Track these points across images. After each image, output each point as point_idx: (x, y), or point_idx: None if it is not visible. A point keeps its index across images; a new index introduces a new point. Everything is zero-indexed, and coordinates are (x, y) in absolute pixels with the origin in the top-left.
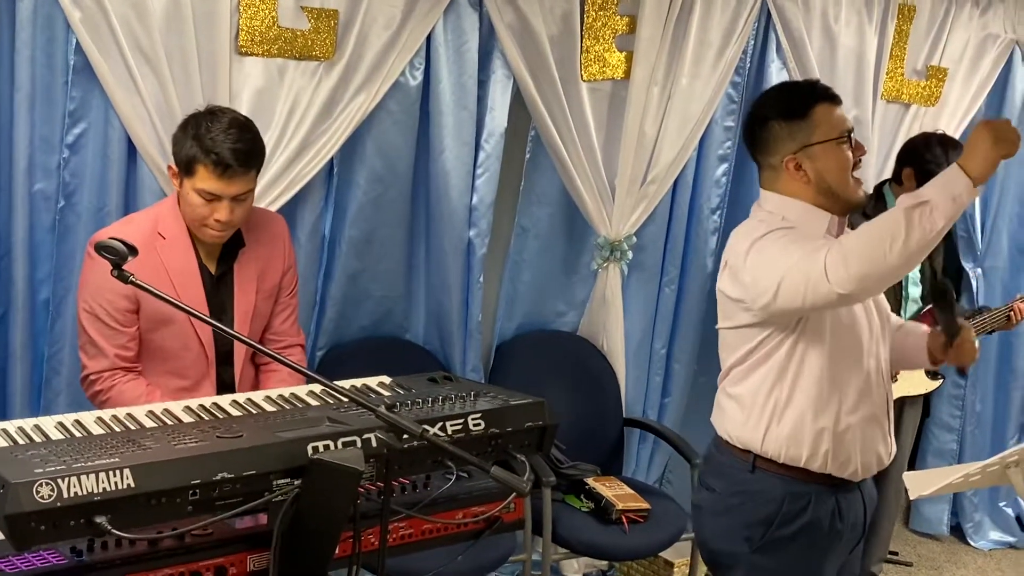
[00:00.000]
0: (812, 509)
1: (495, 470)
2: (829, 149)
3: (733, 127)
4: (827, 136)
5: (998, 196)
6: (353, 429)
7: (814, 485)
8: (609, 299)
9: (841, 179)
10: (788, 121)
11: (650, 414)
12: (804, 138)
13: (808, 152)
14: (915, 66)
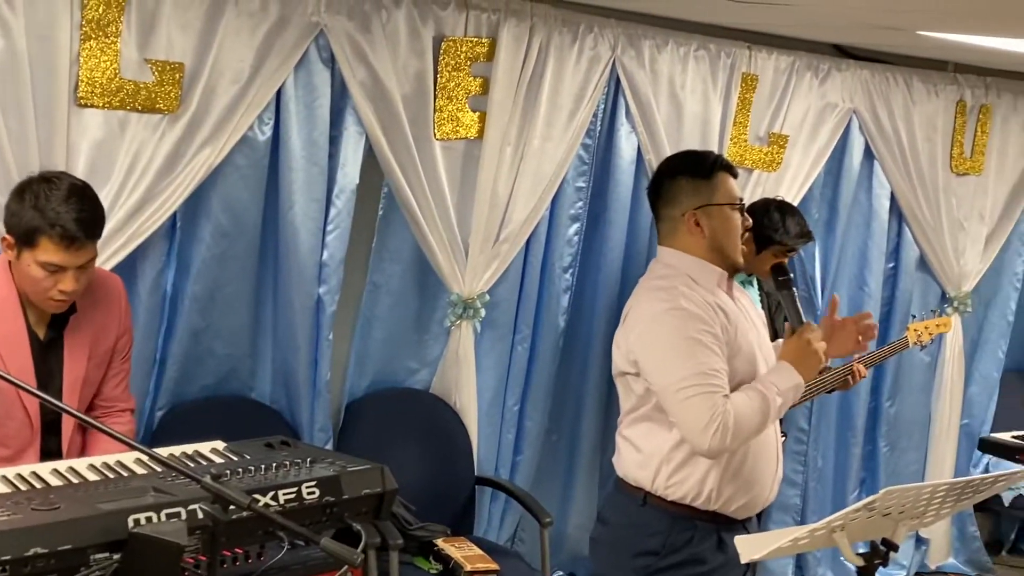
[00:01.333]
0: (696, 542)
1: (325, 542)
2: (725, 212)
3: (584, 187)
4: (725, 200)
5: (837, 258)
6: (178, 500)
7: (699, 521)
8: (462, 357)
9: (732, 241)
10: (694, 179)
11: (502, 472)
12: (706, 197)
13: (707, 211)
14: (758, 133)
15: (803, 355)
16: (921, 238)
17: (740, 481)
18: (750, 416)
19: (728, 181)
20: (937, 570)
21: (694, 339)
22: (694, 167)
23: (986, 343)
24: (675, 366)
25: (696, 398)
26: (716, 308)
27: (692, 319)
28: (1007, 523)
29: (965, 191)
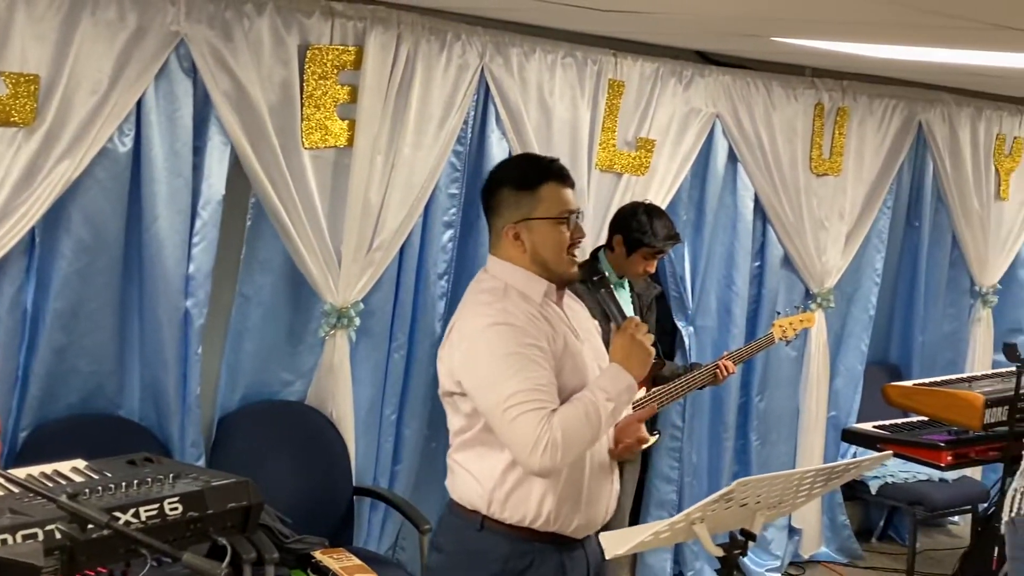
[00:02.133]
0: (536, 565)
1: (187, 557)
2: (547, 226)
3: (457, 194)
4: (547, 214)
5: (706, 259)
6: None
7: (539, 543)
8: (337, 366)
9: (554, 256)
10: (517, 191)
11: (381, 482)
12: (527, 210)
13: (528, 224)
14: (626, 138)
15: (629, 352)
16: (784, 237)
17: (578, 500)
18: (579, 428)
19: (557, 192)
20: (810, 559)
21: (518, 354)
22: (519, 178)
23: (849, 337)
24: (499, 385)
25: (522, 417)
26: (542, 320)
27: (515, 333)
28: (875, 511)
29: (825, 191)
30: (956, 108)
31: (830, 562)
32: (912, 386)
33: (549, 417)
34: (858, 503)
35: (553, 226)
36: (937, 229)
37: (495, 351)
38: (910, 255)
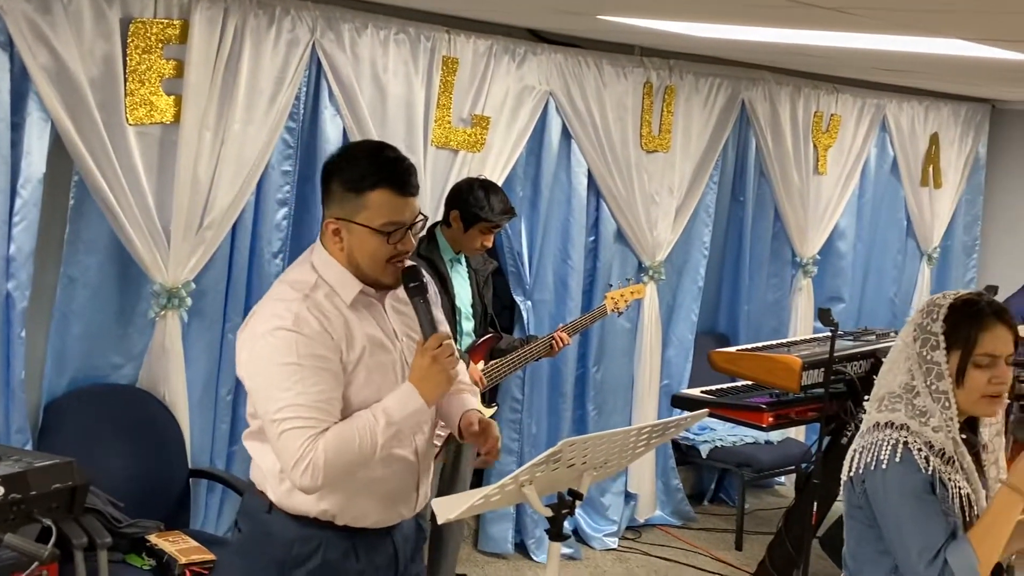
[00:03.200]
0: (323, 552)
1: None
2: (367, 234)
3: (291, 171)
4: (368, 223)
5: (542, 234)
6: None
7: (328, 531)
8: (169, 348)
9: (370, 265)
10: (345, 189)
11: (218, 463)
12: (350, 212)
13: (348, 226)
14: (461, 114)
15: (426, 374)
16: (617, 212)
17: (366, 500)
18: (346, 452)
19: (387, 201)
20: (646, 523)
21: (298, 365)
22: (350, 176)
23: (680, 308)
24: (273, 395)
25: (288, 433)
26: (341, 325)
27: (300, 342)
28: (707, 475)
29: (655, 167)
30: (777, 87)
31: (665, 525)
32: (736, 352)
33: (316, 438)
34: (690, 467)
35: (373, 235)
36: (760, 203)
37: (275, 359)
38: (735, 228)
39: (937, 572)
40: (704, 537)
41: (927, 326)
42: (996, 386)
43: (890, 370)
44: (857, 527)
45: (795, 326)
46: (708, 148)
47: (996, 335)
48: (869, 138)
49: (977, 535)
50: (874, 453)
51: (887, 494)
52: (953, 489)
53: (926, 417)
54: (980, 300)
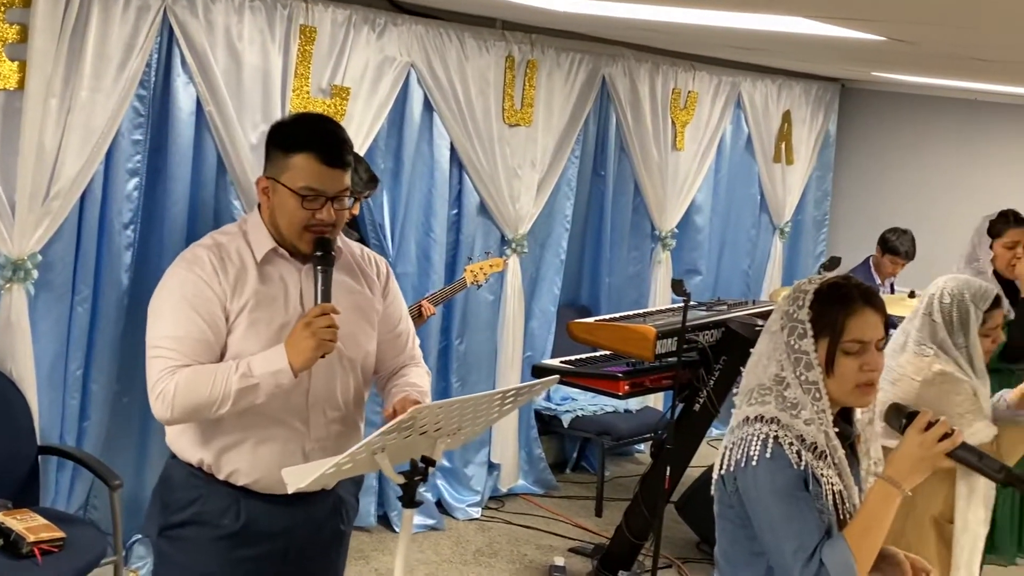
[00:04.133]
0: (202, 503)
1: None
2: (287, 195)
3: (142, 140)
4: (290, 184)
5: (404, 207)
6: None
7: (214, 484)
8: (15, 322)
9: (287, 227)
10: (276, 148)
11: (68, 439)
12: (277, 172)
13: (274, 185)
14: (320, 85)
15: (297, 338)
16: (480, 185)
17: (243, 460)
18: (197, 392)
19: (309, 167)
20: (509, 492)
21: (182, 300)
22: (283, 136)
23: (543, 280)
24: (154, 324)
25: (153, 361)
26: (236, 275)
27: (192, 281)
28: (569, 444)
29: (517, 141)
30: (636, 63)
31: (528, 494)
32: (593, 322)
33: (174, 371)
34: (553, 437)
35: (291, 197)
36: (621, 177)
37: (164, 292)
38: (597, 202)
39: (813, 573)
40: (565, 505)
41: (793, 313)
42: (868, 373)
43: (759, 361)
44: (730, 527)
45: (654, 298)
46: (569, 123)
47: (865, 320)
48: (725, 115)
49: (854, 532)
50: (744, 449)
51: (759, 492)
52: (826, 485)
53: (797, 409)
54: (847, 284)
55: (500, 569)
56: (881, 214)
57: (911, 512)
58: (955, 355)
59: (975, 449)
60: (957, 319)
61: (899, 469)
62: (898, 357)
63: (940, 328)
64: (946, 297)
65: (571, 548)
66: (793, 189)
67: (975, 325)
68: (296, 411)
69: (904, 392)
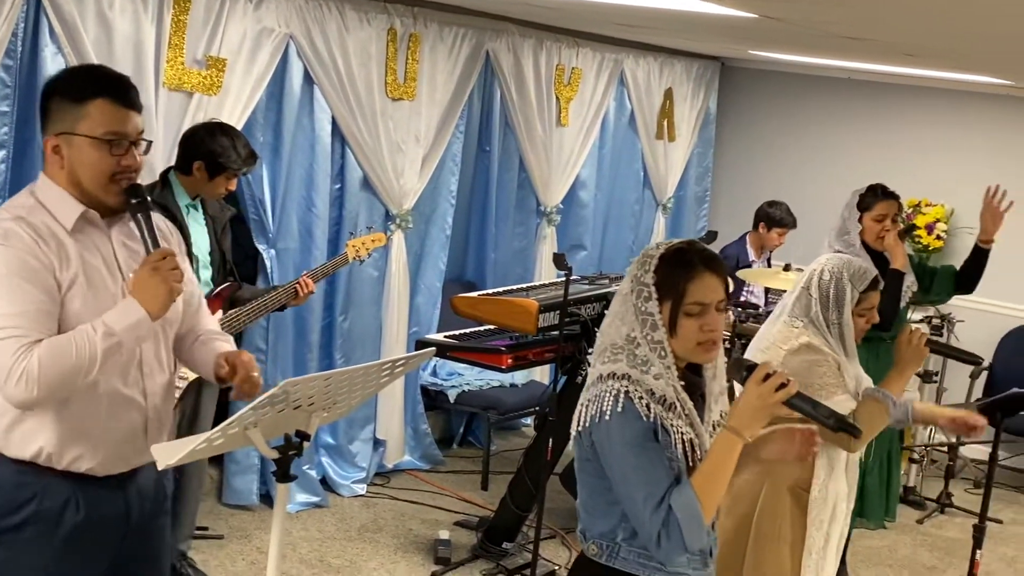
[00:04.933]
0: (40, 500)
1: None
2: (88, 145)
3: (9, 112)
4: (90, 132)
5: (285, 181)
6: None
7: (48, 477)
8: None
9: (92, 180)
10: (64, 100)
11: None
12: (71, 124)
13: (69, 139)
14: (195, 56)
15: (145, 284)
16: (363, 160)
17: (85, 440)
18: (63, 361)
19: (108, 111)
20: (394, 468)
21: (5, 277)
22: (70, 87)
23: (428, 256)
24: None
25: (3, 343)
26: (57, 247)
27: (8, 255)
28: (456, 419)
29: (401, 115)
30: (520, 39)
31: (414, 469)
32: (476, 297)
33: (30, 347)
34: (440, 412)
35: (95, 146)
36: (506, 153)
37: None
38: (482, 177)
39: (662, 518)
40: (452, 479)
41: (641, 277)
42: (708, 333)
43: (612, 322)
44: (588, 480)
45: (540, 273)
46: (454, 97)
47: (705, 284)
48: (608, 92)
49: (699, 479)
50: (598, 405)
51: (611, 444)
52: (675, 435)
53: (647, 366)
54: (690, 250)
55: (385, 544)
56: (760, 190)
57: (768, 480)
58: (824, 331)
59: (809, 398)
60: (833, 296)
61: (740, 418)
62: (772, 327)
63: (815, 303)
64: (826, 274)
65: (457, 522)
66: (675, 165)
67: (849, 304)
68: (134, 382)
69: (772, 359)
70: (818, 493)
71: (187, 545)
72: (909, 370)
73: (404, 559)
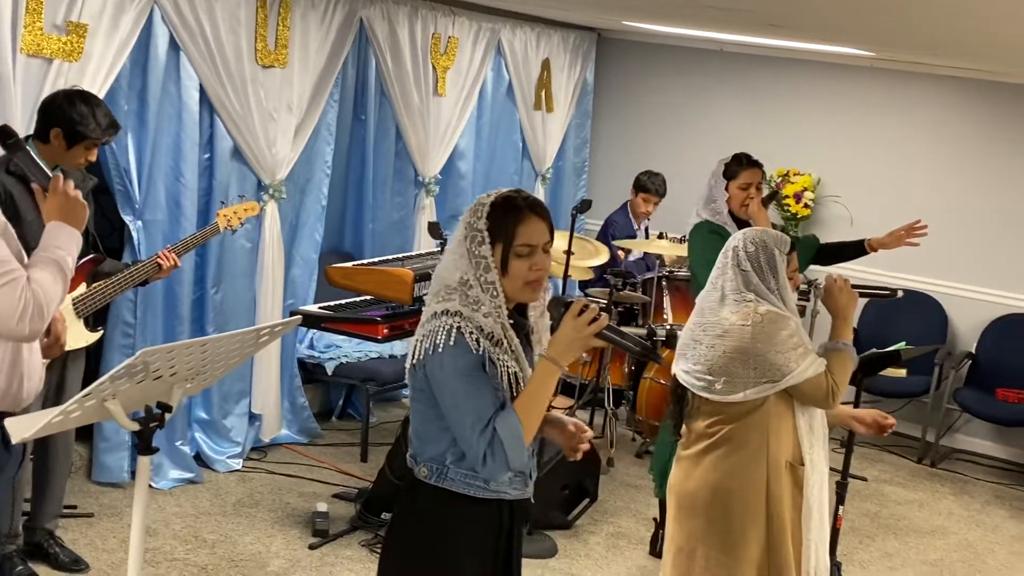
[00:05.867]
0: None
1: None
2: None
3: None
4: None
5: (151, 151)
6: None
7: None
8: None
9: None
10: None
11: None
12: None
13: None
14: (55, 21)
15: (64, 208)
16: (233, 129)
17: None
18: (54, 285)
19: None
20: (271, 443)
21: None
22: None
23: (303, 227)
24: None
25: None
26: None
27: None
28: (335, 391)
29: (272, 83)
30: (395, 7)
31: (292, 443)
32: (351, 267)
33: (28, 284)
34: (318, 385)
35: None
36: (382, 122)
37: None
38: (358, 147)
39: (488, 440)
40: (331, 452)
41: (474, 223)
42: (535, 272)
43: (447, 267)
44: (421, 408)
45: (419, 243)
46: (327, 65)
47: (532, 227)
48: (485, 62)
49: (521, 403)
50: (432, 339)
51: (443, 374)
52: (502, 367)
53: (478, 305)
54: (518, 197)
55: (261, 519)
56: (638, 160)
57: (768, 460)
58: (772, 298)
59: (619, 329)
60: (766, 264)
61: (557, 349)
62: (719, 312)
63: (752, 276)
64: (749, 246)
65: (335, 494)
66: (553, 136)
67: (783, 267)
68: None
69: (737, 341)
70: (809, 464)
71: (55, 524)
72: (850, 313)
73: (281, 532)
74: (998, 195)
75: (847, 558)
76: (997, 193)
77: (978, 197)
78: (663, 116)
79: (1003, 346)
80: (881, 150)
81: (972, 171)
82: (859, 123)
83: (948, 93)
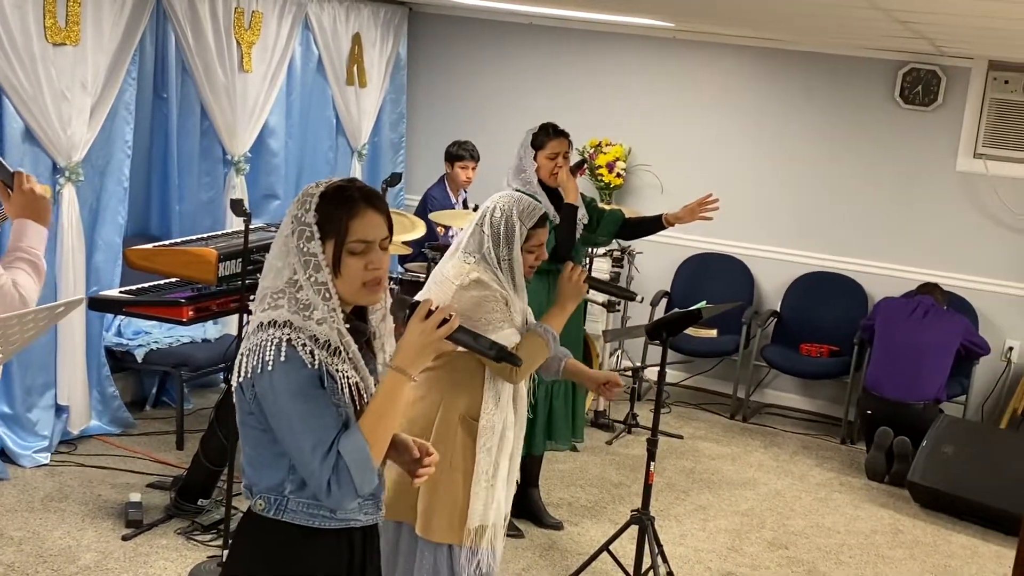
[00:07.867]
0: None
1: None
2: None
3: None
4: None
5: None
6: None
7: None
8: None
9: None
10: None
11: None
12: None
13: None
14: None
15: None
16: (23, 110)
17: None
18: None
19: None
20: (81, 435)
21: None
22: None
23: (105, 211)
24: None
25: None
26: None
27: None
28: (148, 380)
29: (65, 61)
30: None
31: (103, 435)
32: (151, 248)
33: (14, 288)
34: (129, 373)
35: None
36: (186, 100)
37: None
38: (161, 126)
39: (331, 466)
40: (145, 441)
41: (301, 217)
42: (373, 272)
43: (272, 266)
44: (252, 433)
45: (230, 224)
46: (123, 42)
47: (367, 221)
48: (292, 37)
49: (368, 421)
50: (259, 355)
51: (276, 396)
52: (342, 380)
53: (310, 311)
54: (351, 187)
55: (71, 513)
56: (454, 134)
57: (441, 410)
58: (495, 267)
59: (471, 331)
60: (504, 233)
61: (405, 357)
62: (447, 263)
63: (487, 239)
64: (497, 212)
65: (150, 484)
66: (368, 112)
67: (519, 241)
68: None
69: (443, 293)
70: (486, 422)
71: None
72: (569, 305)
73: (92, 526)
74: (790, 159)
75: (663, 513)
76: (789, 157)
77: (774, 161)
78: (477, 89)
79: (805, 304)
80: (685, 119)
81: (767, 137)
82: (665, 93)
83: (743, 63)
